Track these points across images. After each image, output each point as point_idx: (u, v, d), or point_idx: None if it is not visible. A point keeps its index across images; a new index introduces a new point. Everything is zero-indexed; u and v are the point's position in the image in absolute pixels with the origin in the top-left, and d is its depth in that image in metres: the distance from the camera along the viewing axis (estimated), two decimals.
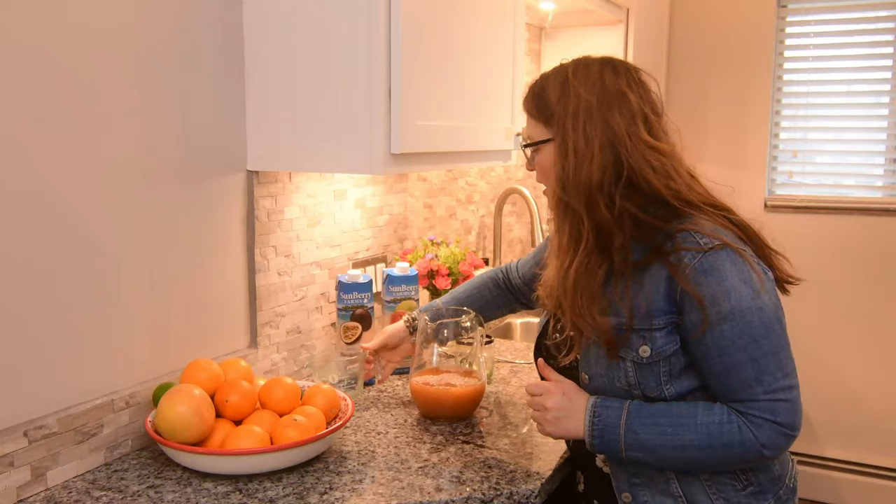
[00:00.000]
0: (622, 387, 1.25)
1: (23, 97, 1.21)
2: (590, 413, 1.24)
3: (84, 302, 1.33)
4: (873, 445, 3.28)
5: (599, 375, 1.27)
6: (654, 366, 1.22)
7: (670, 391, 1.23)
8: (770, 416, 1.16)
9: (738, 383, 1.17)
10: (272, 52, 1.57)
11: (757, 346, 1.16)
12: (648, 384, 1.23)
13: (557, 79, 1.27)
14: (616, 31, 2.94)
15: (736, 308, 1.16)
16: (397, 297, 1.87)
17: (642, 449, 1.21)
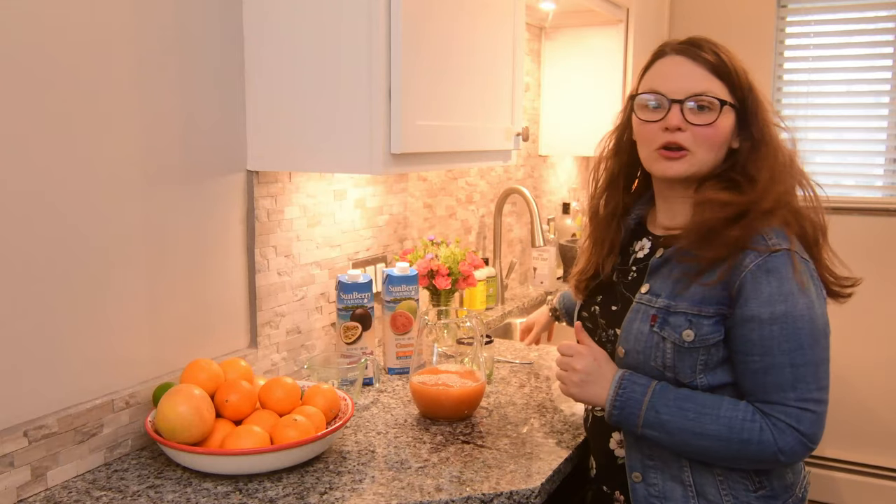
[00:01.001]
0: (656, 366, 1.25)
1: (23, 97, 1.21)
2: (616, 384, 1.26)
3: (84, 302, 1.33)
4: (873, 445, 3.28)
5: (636, 352, 1.27)
6: (693, 352, 1.22)
7: (702, 381, 1.23)
8: (795, 423, 1.17)
9: (774, 385, 1.18)
10: (272, 52, 1.57)
11: (801, 354, 1.17)
12: (683, 370, 1.23)
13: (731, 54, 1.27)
14: (616, 31, 2.94)
15: (790, 312, 1.17)
16: (397, 297, 1.87)
17: (660, 429, 1.22)
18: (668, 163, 1.26)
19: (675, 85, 1.25)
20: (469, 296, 2.47)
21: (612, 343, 1.34)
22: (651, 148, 1.28)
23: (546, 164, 3.20)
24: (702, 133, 1.24)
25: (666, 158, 1.26)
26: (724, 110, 1.24)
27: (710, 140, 1.24)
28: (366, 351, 1.80)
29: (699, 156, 1.25)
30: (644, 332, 1.26)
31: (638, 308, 1.29)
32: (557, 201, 3.32)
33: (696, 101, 1.24)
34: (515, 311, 2.67)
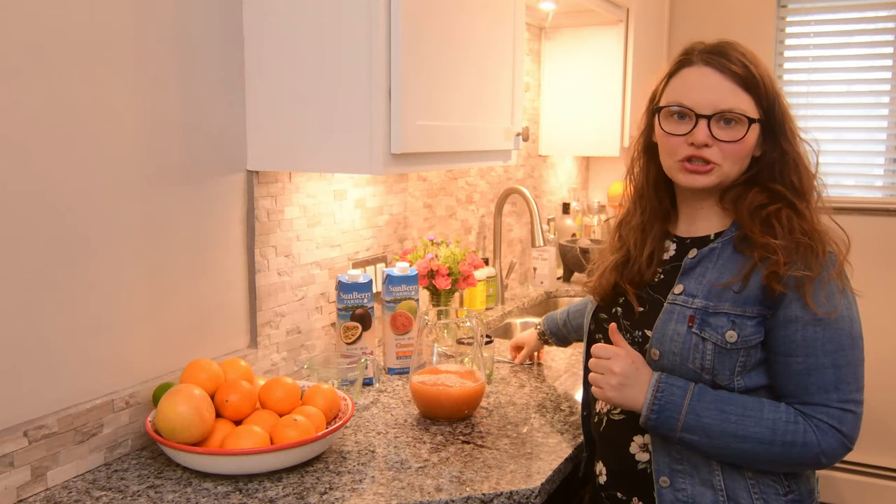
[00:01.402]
0: (694, 368, 1.23)
1: (23, 97, 1.21)
2: (653, 387, 1.23)
3: (84, 302, 1.33)
4: (873, 445, 3.28)
5: (672, 353, 1.25)
6: (734, 353, 1.21)
7: (740, 383, 1.22)
8: (837, 424, 1.17)
9: (816, 386, 1.17)
10: (272, 52, 1.57)
11: (843, 355, 1.17)
12: (723, 371, 1.22)
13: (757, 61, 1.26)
14: (616, 31, 2.94)
15: (832, 314, 1.17)
16: (397, 297, 1.87)
17: (701, 432, 1.20)
18: (693, 176, 1.26)
19: (702, 99, 1.23)
20: (469, 296, 2.47)
21: (638, 345, 1.31)
22: (675, 159, 1.27)
23: (546, 164, 3.20)
24: (729, 149, 1.24)
25: (691, 172, 1.26)
26: (752, 126, 1.24)
27: (737, 154, 1.24)
28: (366, 351, 1.80)
29: (725, 168, 1.25)
30: (681, 333, 1.24)
31: (672, 309, 1.26)
32: (557, 201, 3.32)
33: (723, 117, 1.23)
34: (515, 311, 2.67)
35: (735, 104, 1.22)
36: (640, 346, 1.31)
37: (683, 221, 1.35)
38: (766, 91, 1.25)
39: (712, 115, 1.23)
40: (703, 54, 1.25)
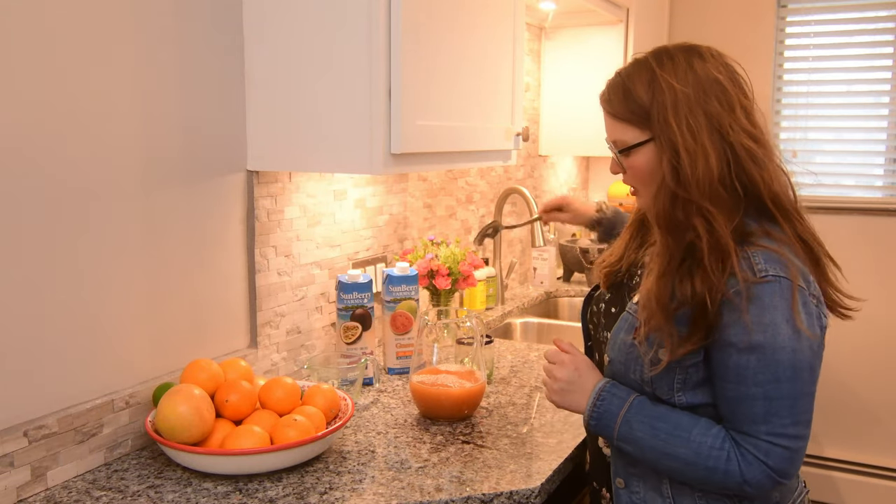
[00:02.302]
0: (635, 380, 1.24)
1: (23, 97, 1.21)
2: (594, 395, 1.25)
3: (84, 302, 1.33)
4: (873, 445, 3.28)
5: (619, 362, 1.26)
6: (670, 371, 1.19)
7: (681, 399, 1.20)
8: (763, 457, 1.13)
9: (745, 416, 1.14)
10: (272, 52, 1.57)
11: (777, 387, 1.12)
12: (661, 386, 1.21)
13: (642, 75, 1.21)
14: (616, 31, 2.94)
15: (769, 343, 1.11)
16: (397, 297, 1.87)
17: (633, 443, 1.21)
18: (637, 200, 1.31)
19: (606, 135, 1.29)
20: (469, 296, 2.47)
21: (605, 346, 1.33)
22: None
23: (546, 164, 3.20)
24: (629, 176, 1.27)
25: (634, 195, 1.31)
26: (634, 151, 1.22)
27: (638, 180, 1.25)
28: (366, 351, 1.80)
29: (643, 192, 1.26)
30: (627, 343, 1.24)
31: (626, 318, 1.27)
32: None
33: (612, 149, 1.27)
34: (515, 311, 2.67)
35: (613, 136, 1.25)
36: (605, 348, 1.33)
37: None
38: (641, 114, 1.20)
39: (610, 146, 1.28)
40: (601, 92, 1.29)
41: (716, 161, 1.15)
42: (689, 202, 1.16)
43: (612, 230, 1.85)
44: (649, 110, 1.19)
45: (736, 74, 1.22)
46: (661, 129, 1.18)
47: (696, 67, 1.18)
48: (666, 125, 1.17)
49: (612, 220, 1.88)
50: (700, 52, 1.21)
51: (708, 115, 1.16)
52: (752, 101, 1.22)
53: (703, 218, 1.15)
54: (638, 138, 1.21)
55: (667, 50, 1.22)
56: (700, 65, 1.19)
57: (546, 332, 2.63)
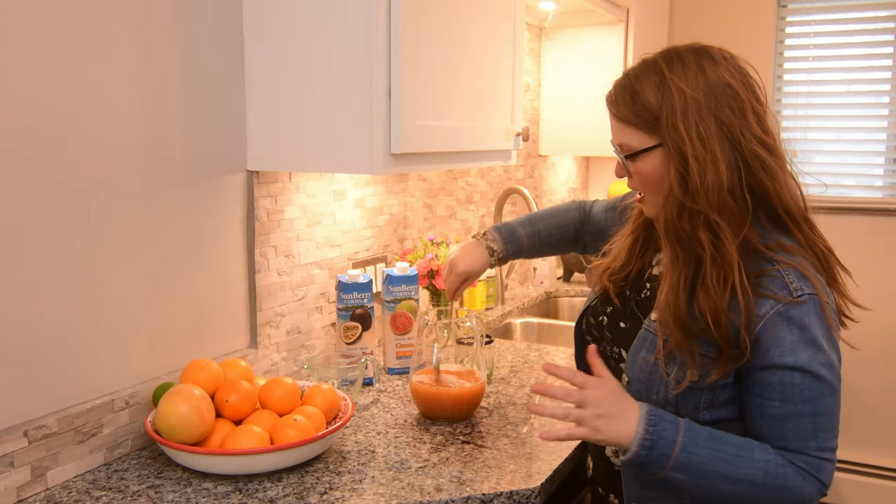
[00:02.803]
0: (658, 400, 1.19)
1: (23, 97, 1.21)
2: (644, 420, 1.12)
3: (84, 302, 1.33)
4: (873, 445, 3.28)
5: (640, 381, 1.21)
6: (697, 392, 1.16)
7: (705, 417, 1.17)
8: (815, 473, 1.13)
9: (794, 433, 1.12)
10: (272, 52, 1.57)
11: (822, 403, 1.11)
12: (686, 407, 1.17)
13: (651, 77, 1.16)
14: (616, 31, 2.94)
15: (813, 361, 1.10)
16: (397, 297, 1.87)
17: (692, 471, 1.11)
18: (642, 206, 1.28)
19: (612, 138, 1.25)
20: (469, 296, 2.47)
21: (616, 361, 1.29)
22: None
23: (546, 164, 3.20)
24: (635, 181, 1.23)
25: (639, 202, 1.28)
26: (638, 158, 1.19)
27: (645, 185, 1.22)
28: (366, 351, 1.80)
29: (650, 198, 1.23)
30: (649, 362, 1.20)
31: (646, 336, 1.22)
32: (557, 201, 3.32)
33: (618, 153, 1.23)
34: (515, 311, 2.67)
35: (621, 140, 1.21)
36: (616, 363, 1.29)
37: None
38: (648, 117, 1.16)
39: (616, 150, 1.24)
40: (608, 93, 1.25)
41: (725, 170, 1.12)
42: (697, 213, 1.13)
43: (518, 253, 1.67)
44: (658, 115, 1.15)
45: (749, 78, 1.18)
46: (669, 136, 1.14)
47: (708, 71, 1.15)
48: (675, 131, 1.13)
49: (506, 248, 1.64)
50: (711, 54, 1.17)
51: (719, 121, 1.12)
52: (766, 105, 1.18)
53: (710, 231, 1.13)
54: (645, 143, 1.18)
55: (677, 51, 1.18)
56: (711, 68, 1.15)
57: (546, 332, 2.63)
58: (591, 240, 1.63)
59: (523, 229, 1.65)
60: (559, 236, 1.67)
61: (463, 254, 1.61)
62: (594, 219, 1.66)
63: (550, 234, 1.66)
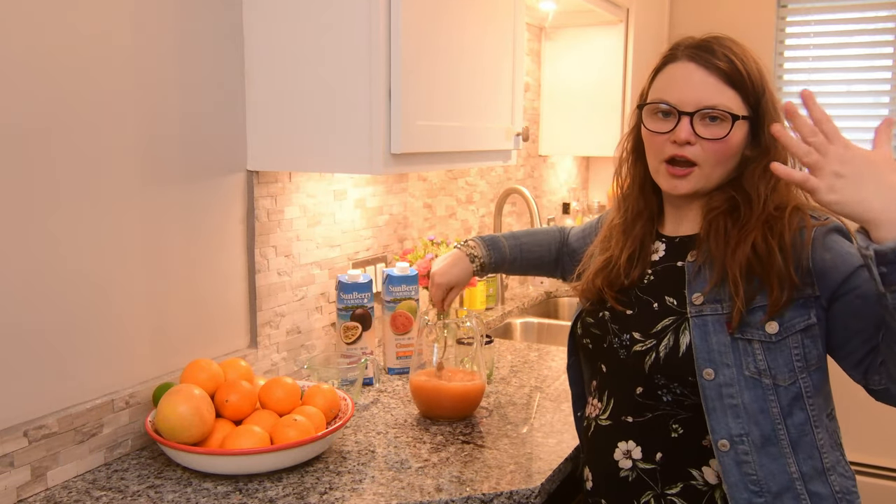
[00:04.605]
0: (751, 375, 1.15)
1: (22, 97, 1.21)
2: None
3: (84, 302, 1.33)
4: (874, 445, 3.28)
5: (727, 365, 1.15)
6: (783, 346, 1.14)
7: (806, 383, 1.15)
8: None
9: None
10: (272, 52, 1.57)
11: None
12: (780, 370, 1.14)
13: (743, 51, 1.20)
14: (616, 31, 2.94)
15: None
16: (397, 297, 1.87)
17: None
18: (674, 181, 1.22)
19: (685, 95, 1.19)
20: (469, 296, 2.47)
21: (626, 349, 1.25)
22: (659, 159, 1.23)
23: (546, 164, 3.20)
24: (712, 147, 1.18)
25: (672, 176, 1.22)
26: (737, 124, 1.18)
27: (720, 154, 1.19)
28: (366, 351, 1.80)
29: (706, 170, 1.20)
30: (726, 343, 1.15)
31: (703, 322, 1.18)
32: (557, 201, 3.32)
33: (707, 114, 1.18)
34: (515, 311, 2.67)
35: (719, 101, 1.17)
36: (627, 350, 1.25)
37: (670, 221, 1.31)
38: (753, 87, 1.19)
39: (695, 111, 1.18)
40: (688, 49, 1.21)
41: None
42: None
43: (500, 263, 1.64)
44: (763, 90, 1.19)
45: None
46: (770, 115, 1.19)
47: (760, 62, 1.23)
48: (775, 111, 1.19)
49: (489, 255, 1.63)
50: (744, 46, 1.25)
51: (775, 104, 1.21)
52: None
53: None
54: (742, 111, 1.19)
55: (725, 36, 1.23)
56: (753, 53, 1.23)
57: (546, 332, 2.63)
58: (570, 261, 1.63)
59: (506, 241, 1.66)
60: (540, 253, 1.68)
61: (444, 264, 1.62)
62: (571, 240, 1.67)
63: (532, 249, 1.67)
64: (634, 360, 1.24)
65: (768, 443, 1.15)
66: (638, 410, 1.25)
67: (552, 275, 1.72)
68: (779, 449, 1.16)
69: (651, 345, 1.22)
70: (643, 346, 1.23)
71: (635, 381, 1.25)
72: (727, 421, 1.16)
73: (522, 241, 1.67)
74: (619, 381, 1.28)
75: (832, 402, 1.25)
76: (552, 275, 1.72)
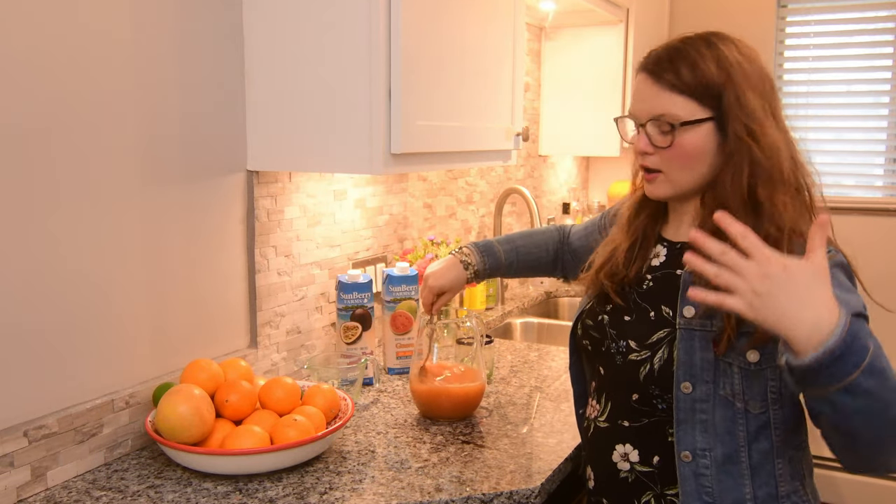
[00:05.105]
0: (726, 395, 1.15)
1: (23, 98, 1.21)
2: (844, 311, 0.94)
3: (84, 302, 1.33)
4: None
5: (705, 382, 1.16)
6: (760, 375, 1.14)
7: (777, 415, 1.15)
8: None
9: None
10: (272, 52, 1.57)
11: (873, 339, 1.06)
12: (754, 397, 1.14)
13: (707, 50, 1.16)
14: (616, 31, 2.94)
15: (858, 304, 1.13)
16: (397, 297, 1.87)
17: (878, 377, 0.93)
18: (649, 186, 1.24)
19: (637, 107, 1.22)
20: (469, 296, 2.47)
21: (623, 356, 1.25)
22: (636, 167, 1.27)
23: (546, 164, 3.20)
24: (667, 155, 1.19)
25: (647, 181, 1.25)
26: (689, 128, 1.16)
27: (677, 160, 1.19)
28: (366, 351, 1.80)
29: (671, 176, 1.20)
30: (710, 360, 1.15)
31: (691, 336, 1.17)
32: (557, 201, 3.32)
33: (655, 123, 1.19)
34: (515, 311, 2.67)
35: (665, 109, 1.17)
36: (623, 357, 1.25)
37: (672, 224, 1.31)
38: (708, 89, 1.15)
39: (646, 122, 1.20)
40: (646, 61, 1.22)
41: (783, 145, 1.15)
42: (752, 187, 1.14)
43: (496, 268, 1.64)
44: (721, 88, 1.15)
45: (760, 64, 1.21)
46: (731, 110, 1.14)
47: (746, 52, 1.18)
48: (738, 106, 1.14)
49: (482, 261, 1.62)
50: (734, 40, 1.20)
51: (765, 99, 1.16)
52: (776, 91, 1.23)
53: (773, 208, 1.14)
54: (696, 115, 1.16)
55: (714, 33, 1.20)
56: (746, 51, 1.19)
57: (546, 332, 2.63)
58: (572, 259, 1.63)
59: (501, 246, 1.65)
60: (538, 255, 1.67)
61: (439, 268, 1.63)
62: (573, 239, 1.66)
63: (529, 251, 1.66)
64: (630, 368, 1.24)
65: (729, 462, 1.16)
66: (634, 416, 1.25)
67: (552, 275, 1.72)
68: (738, 469, 1.17)
69: (646, 356, 1.23)
70: (638, 357, 1.24)
71: (631, 388, 1.25)
72: (694, 434, 1.18)
73: (518, 244, 1.67)
74: (615, 386, 1.29)
75: (804, 434, 1.22)
76: (552, 275, 1.72)
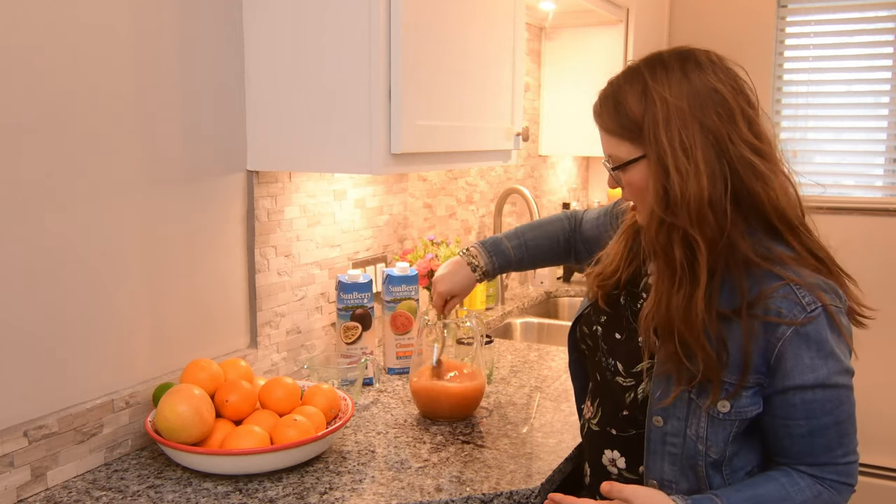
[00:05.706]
0: (692, 436, 1.16)
1: (24, 98, 1.21)
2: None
3: (84, 302, 1.33)
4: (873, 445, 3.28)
5: (677, 418, 1.16)
6: (727, 424, 1.14)
7: (730, 450, 1.15)
8: (846, 479, 1.11)
9: (822, 447, 1.11)
10: (272, 53, 1.57)
11: (842, 409, 1.10)
12: (716, 443, 1.15)
13: (634, 86, 1.13)
14: (616, 31, 2.94)
15: (832, 373, 1.09)
16: (397, 297, 1.87)
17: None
18: (636, 213, 1.25)
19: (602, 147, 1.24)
20: (469, 296, 2.46)
21: (612, 373, 1.27)
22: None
23: (546, 164, 3.20)
24: (626, 190, 1.21)
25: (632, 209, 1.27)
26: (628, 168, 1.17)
27: (635, 195, 1.20)
28: (366, 351, 1.80)
29: (641, 207, 1.20)
30: (683, 398, 1.15)
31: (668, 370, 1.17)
32: (557, 201, 3.32)
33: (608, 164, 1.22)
34: (515, 311, 2.67)
35: (611, 151, 1.19)
36: (612, 375, 1.26)
37: None
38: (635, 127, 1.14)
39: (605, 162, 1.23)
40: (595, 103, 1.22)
41: (707, 181, 1.08)
42: (674, 227, 1.11)
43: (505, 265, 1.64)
44: (641, 125, 1.12)
45: (739, 81, 1.14)
46: (651, 147, 1.11)
47: (692, 76, 1.11)
48: (656, 142, 1.10)
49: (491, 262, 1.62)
50: (697, 58, 1.13)
51: (705, 129, 1.09)
52: (757, 108, 1.14)
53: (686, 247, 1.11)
54: (632, 154, 1.15)
55: (661, 57, 1.14)
56: (697, 73, 1.11)
57: (546, 332, 2.64)
58: (585, 248, 1.61)
59: (509, 241, 1.63)
60: (549, 246, 1.65)
61: (445, 273, 1.62)
62: (586, 227, 1.63)
63: (539, 244, 1.64)
64: (618, 388, 1.27)
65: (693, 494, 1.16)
66: (622, 426, 1.28)
67: (566, 262, 1.70)
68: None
69: (631, 384, 1.25)
70: (624, 382, 1.26)
71: (618, 404, 1.27)
72: (663, 465, 1.19)
73: (527, 237, 1.65)
74: (606, 396, 1.31)
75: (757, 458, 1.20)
76: (566, 262, 1.70)
